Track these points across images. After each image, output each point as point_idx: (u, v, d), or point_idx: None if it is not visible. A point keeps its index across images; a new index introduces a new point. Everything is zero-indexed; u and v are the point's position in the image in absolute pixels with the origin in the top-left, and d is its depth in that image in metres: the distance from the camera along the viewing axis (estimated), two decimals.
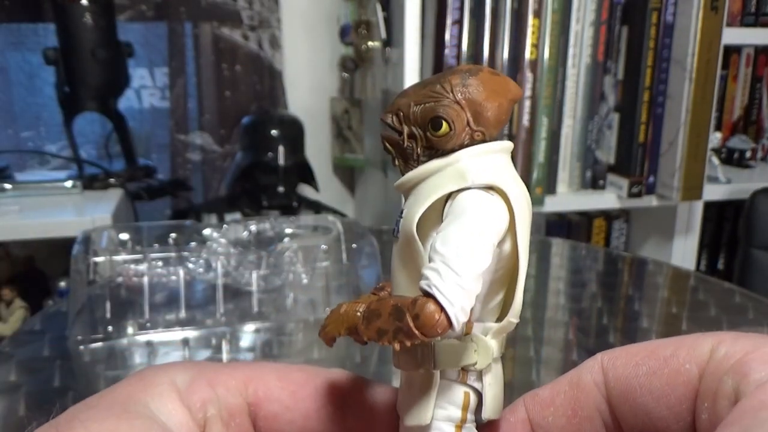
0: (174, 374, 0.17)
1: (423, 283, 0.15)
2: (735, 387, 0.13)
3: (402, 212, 0.17)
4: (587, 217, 1.27)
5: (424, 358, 0.17)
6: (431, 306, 0.15)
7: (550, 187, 1.11)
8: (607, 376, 0.16)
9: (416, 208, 0.16)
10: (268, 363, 0.19)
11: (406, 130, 0.16)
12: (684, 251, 1.22)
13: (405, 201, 0.17)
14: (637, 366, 0.15)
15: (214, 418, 0.18)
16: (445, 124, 0.16)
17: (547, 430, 0.17)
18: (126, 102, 1.25)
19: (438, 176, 0.16)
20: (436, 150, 0.16)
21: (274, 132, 1.17)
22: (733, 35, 1.13)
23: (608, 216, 1.29)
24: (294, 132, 1.19)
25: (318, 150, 1.33)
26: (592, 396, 0.16)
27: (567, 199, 1.13)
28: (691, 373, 0.14)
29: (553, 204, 1.11)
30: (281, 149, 1.15)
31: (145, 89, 1.33)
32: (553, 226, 1.27)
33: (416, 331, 0.15)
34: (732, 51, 1.33)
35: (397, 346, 0.15)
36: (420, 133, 0.16)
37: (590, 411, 0.16)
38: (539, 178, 1.08)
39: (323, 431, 0.19)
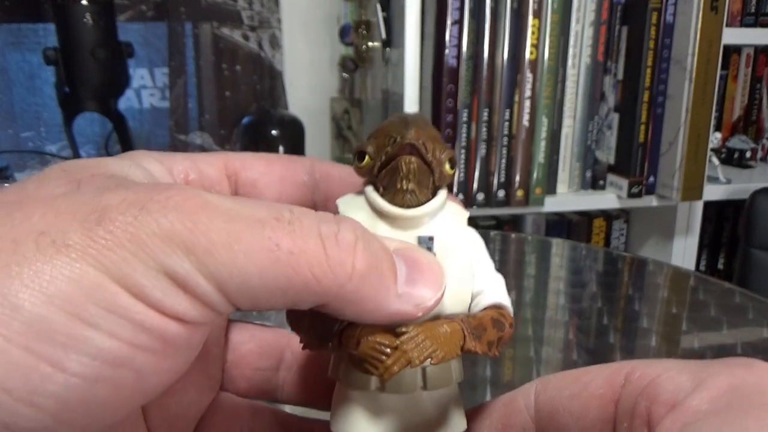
0: (154, 153, 0.19)
1: (500, 300, 0.18)
2: (647, 408, 0.15)
3: (431, 239, 0.17)
4: (587, 217, 1.27)
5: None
6: (511, 315, 0.18)
7: (550, 187, 1.11)
8: (537, 399, 0.18)
9: (464, 238, 0.18)
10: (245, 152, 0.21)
11: (433, 160, 0.17)
12: (684, 251, 1.22)
13: (415, 228, 0.18)
14: (562, 390, 0.17)
15: (195, 182, 0.19)
16: (454, 167, 0.18)
17: None
18: (126, 102, 1.25)
19: (448, 211, 0.18)
20: (439, 186, 0.18)
21: (274, 132, 1.17)
22: (733, 35, 1.13)
23: (608, 216, 1.29)
24: (294, 132, 1.19)
25: (318, 150, 1.33)
26: (521, 416, 0.18)
27: (567, 199, 1.13)
28: (605, 398, 0.16)
29: (553, 204, 1.11)
30: (281, 149, 1.15)
31: (145, 89, 1.33)
32: (553, 226, 1.27)
33: (509, 338, 0.17)
34: (732, 51, 1.33)
35: (497, 353, 0.17)
36: (439, 168, 0.17)
37: (517, 429, 0.18)
38: (539, 178, 1.08)
39: (296, 193, 0.21)
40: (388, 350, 0.16)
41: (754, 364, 0.15)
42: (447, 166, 0.18)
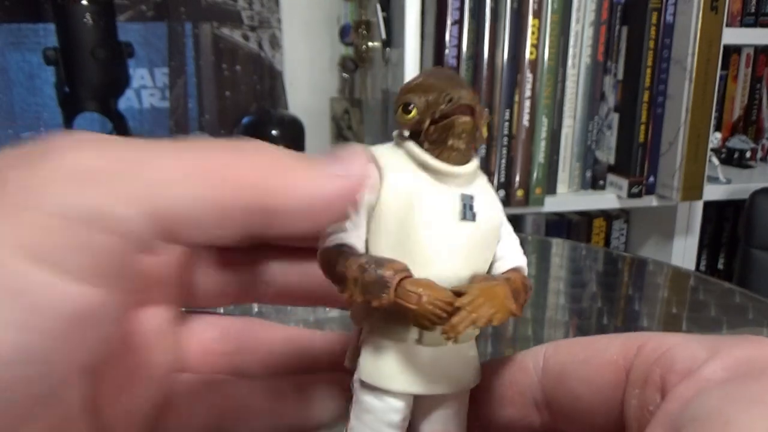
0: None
1: (521, 263, 0.19)
2: (662, 376, 0.15)
3: (472, 197, 0.18)
4: (587, 217, 1.27)
5: None
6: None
7: (550, 187, 1.11)
8: (547, 363, 0.18)
9: (495, 202, 0.19)
10: None
11: (479, 120, 0.18)
12: (684, 251, 1.22)
13: (456, 185, 0.18)
14: (574, 355, 0.18)
15: None
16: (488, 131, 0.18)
17: (489, 394, 0.19)
18: (126, 102, 1.25)
19: (480, 173, 0.19)
20: (476, 148, 0.19)
21: (274, 132, 1.17)
22: (733, 35, 1.13)
23: (608, 216, 1.29)
24: (294, 132, 1.19)
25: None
26: (528, 376, 0.19)
27: (567, 199, 1.13)
28: (618, 364, 0.17)
29: (553, 204, 1.11)
30: None
31: (145, 89, 1.33)
32: (553, 226, 1.27)
33: (528, 299, 0.18)
34: (732, 51, 1.33)
35: (521, 314, 0.18)
36: (481, 129, 0.18)
37: (523, 388, 0.19)
38: (539, 178, 1.08)
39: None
40: (449, 309, 0.16)
41: (760, 340, 0.15)
42: (484, 129, 0.18)
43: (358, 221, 0.18)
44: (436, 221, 0.17)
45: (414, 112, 0.18)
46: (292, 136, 1.18)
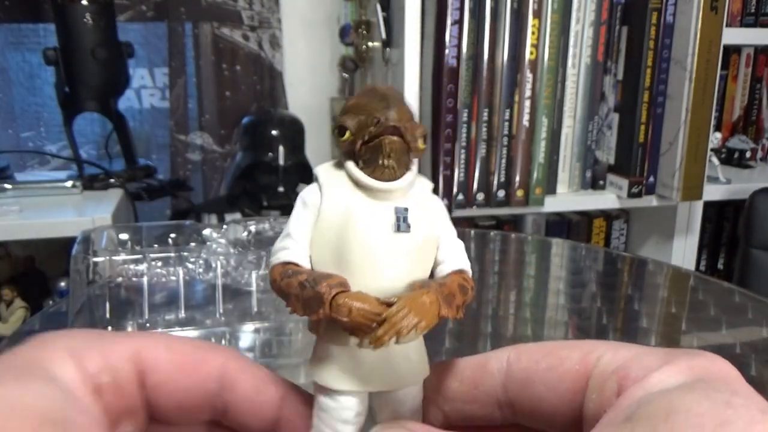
0: (70, 341, 0.18)
1: (463, 266, 0.20)
2: (618, 382, 0.17)
3: (406, 209, 0.19)
4: (587, 217, 1.27)
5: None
6: (472, 278, 0.20)
7: (550, 187, 1.11)
8: (511, 366, 0.20)
9: (433, 211, 0.20)
10: (161, 335, 0.20)
11: (411, 139, 0.19)
12: (684, 251, 1.22)
13: (391, 199, 0.19)
14: (538, 362, 0.20)
15: (107, 386, 0.18)
16: (425, 142, 0.19)
17: (452, 394, 0.21)
18: (126, 102, 1.25)
19: (418, 183, 0.20)
20: (412, 160, 0.19)
21: (274, 132, 1.17)
22: (733, 35, 1.13)
23: (608, 216, 1.29)
24: (294, 132, 1.19)
25: (318, 150, 1.34)
26: (492, 378, 0.20)
27: (567, 199, 1.13)
28: (580, 372, 0.19)
29: (553, 204, 1.11)
30: (281, 149, 1.15)
31: (145, 89, 1.33)
32: (553, 226, 1.27)
33: (471, 299, 0.19)
34: (732, 51, 1.33)
35: (461, 316, 0.19)
36: (414, 144, 0.19)
37: (488, 388, 0.20)
38: (539, 178, 1.08)
39: (201, 406, 0.20)
40: (377, 320, 0.17)
41: (708, 354, 0.17)
42: (420, 142, 0.19)
43: (301, 237, 0.19)
44: (371, 235, 0.18)
45: (347, 135, 0.19)
46: (292, 136, 1.18)
